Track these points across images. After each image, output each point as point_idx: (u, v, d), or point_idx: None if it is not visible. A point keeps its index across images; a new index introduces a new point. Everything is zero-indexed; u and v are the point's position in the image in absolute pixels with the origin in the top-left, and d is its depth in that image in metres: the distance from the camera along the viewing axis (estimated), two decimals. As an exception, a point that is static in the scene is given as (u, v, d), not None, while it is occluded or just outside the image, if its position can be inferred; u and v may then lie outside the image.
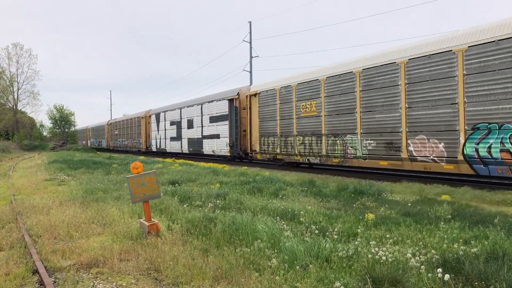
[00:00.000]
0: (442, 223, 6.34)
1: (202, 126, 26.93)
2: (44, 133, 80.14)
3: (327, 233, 5.80)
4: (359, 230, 5.96)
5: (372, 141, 13.73)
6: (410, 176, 14.24)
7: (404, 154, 12.47)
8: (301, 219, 6.79)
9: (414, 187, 11.22)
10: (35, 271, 4.99)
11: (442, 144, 11.41)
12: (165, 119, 33.83)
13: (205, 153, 26.75)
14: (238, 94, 22.89)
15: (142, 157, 31.83)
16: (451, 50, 11.14)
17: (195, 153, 28.53)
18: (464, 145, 10.84)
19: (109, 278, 4.75)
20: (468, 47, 10.74)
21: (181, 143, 30.37)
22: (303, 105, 17.17)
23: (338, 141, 15.26)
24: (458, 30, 11.48)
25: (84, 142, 69.84)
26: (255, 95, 20.79)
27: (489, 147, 10.27)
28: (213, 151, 25.41)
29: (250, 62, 40.97)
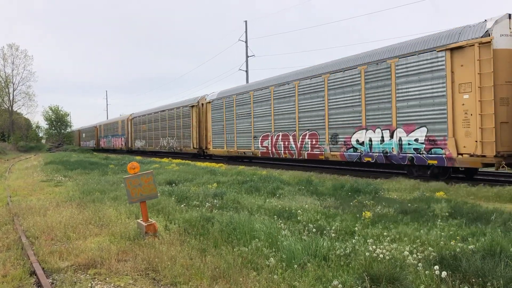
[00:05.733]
0: (439, 220, 6.36)
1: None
2: (40, 134, 79.57)
3: (325, 232, 5.81)
4: (356, 228, 5.97)
5: None
6: (407, 174, 14.26)
7: None
8: (298, 218, 6.79)
9: (411, 185, 11.24)
10: (33, 273, 4.98)
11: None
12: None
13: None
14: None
15: (139, 157, 31.76)
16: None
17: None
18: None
19: (107, 279, 4.74)
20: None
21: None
22: None
23: None
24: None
25: (88, 143, 62.92)
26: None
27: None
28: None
29: (246, 61, 40.98)
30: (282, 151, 18.63)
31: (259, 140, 20.34)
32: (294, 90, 17.75)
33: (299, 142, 17.47)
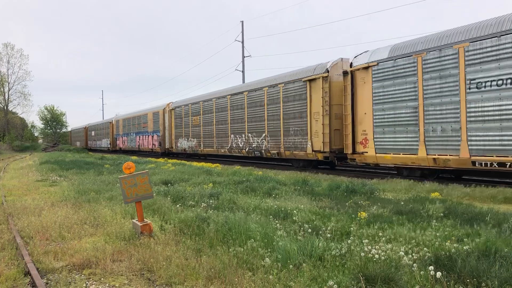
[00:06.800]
0: (434, 221, 6.38)
1: None
2: (36, 134, 79.27)
3: (320, 232, 5.81)
4: (352, 229, 5.98)
5: None
6: (401, 175, 14.29)
7: None
8: (294, 218, 6.79)
9: (405, 185, 11.28)
10: (27, 273, 4.95)
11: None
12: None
13: None
14: None
15: (134, 157, 31.66)
16: None
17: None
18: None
19: (102, 279, 4.72)
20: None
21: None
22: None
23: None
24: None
25: (99, 142, 52.05)
26: None
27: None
28: None
29: (243, 61, 40.98)
30: None
31: None
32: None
33: None
